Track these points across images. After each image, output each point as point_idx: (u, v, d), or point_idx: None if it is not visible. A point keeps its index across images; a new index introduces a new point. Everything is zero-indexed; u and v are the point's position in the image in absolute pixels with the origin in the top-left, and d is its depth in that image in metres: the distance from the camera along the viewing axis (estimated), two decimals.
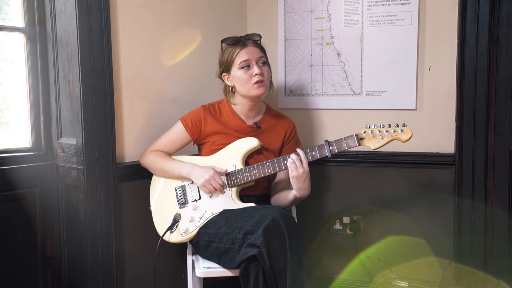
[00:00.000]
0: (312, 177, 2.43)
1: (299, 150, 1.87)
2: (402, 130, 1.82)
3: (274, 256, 1.65)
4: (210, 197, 1.95)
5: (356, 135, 1.83)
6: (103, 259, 1.93)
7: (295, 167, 1.85)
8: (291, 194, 1.95)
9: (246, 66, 1.95)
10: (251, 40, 1.99)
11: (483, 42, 2.16)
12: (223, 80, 2.06)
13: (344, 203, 2.45)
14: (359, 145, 1.84)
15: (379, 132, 1.83)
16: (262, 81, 1.95)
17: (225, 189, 1.94)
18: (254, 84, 1.94)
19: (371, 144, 1.84)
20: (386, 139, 1.83)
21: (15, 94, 1.98)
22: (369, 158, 2.38)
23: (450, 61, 2.25)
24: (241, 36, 2.00)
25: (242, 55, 1.95)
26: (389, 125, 1.83)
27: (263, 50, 2.02)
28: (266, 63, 2.00)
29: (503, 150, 2.20)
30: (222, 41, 2.03)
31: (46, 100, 2.00)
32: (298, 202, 2.00)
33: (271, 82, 2.06)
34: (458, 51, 2.22)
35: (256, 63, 1.95)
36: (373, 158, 2.38)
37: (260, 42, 2.04)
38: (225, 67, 2.01)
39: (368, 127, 1.84)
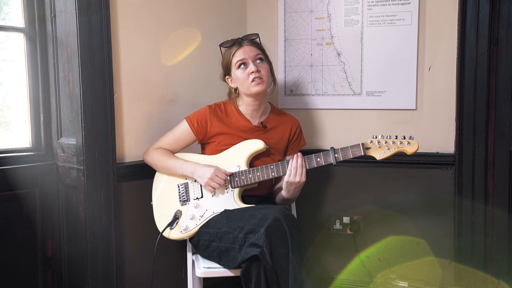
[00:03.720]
0: (312, 177, 2.43)
1: (303, 158, 1.88)
2: (408, 143, 1.81)
3: (276, 256, 1.65)
4: (212, 196, 1.95)
5: (362, 144, 1.83)
6: (103, 259, 1.93)
7: (294, 173, 1.86)
8: (280, 194, 2.00)
9: (243, 64, 1.96)
10: (247, 40, 2.01)
11: (483, 42, 2.16)
12: (227, 83, 2.07)
13: (344, 203, 2.45)
14: (365, 154, 1.84)
15: (385, 143, 1.83)
16: (260, 78, 1.95)
17: (227, 189, 1.94)
18: (252, 81, 1.95)
19: (376, 154, 1.84)
20: (392, 151, 1.82)
21: (15, 94, 1.98)
22: (369, 158, 2.36)
23: (450, 61, 2.25)
24: (238, 38, 2.02)
25: (237, 55, 1.97)
26: (396, 136, 1.83)
27: (260, 47, 2.02)
28: (264, 59, 2.00)
29: (503, 150, 2.20)
30: (220, 45, 2.05)
31: (46, 100, 2.00)
32: (285, 203, 2.05)
33: (274, 78, 2.06)
34: (458, 51, 2.22)
35: (253, 61, 1.96)
36: (373, 158, 2.37)
37: (259, 40, 2.04)
38: (226, 69, 2.04)
39: (374, 137, 1.84)
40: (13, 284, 1.88)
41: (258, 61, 1.97)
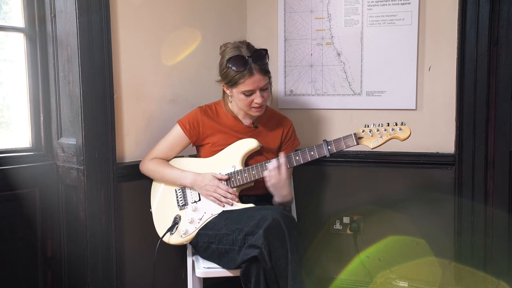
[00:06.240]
0: (312, 177, 2.45)
1: (281, 156, 1.88)
2: (400, 129, 1.81)
3: (275, 257, 1.65)
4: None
5: (355, 134, 1.83)
6: (103, 259, 1.93)
7: (274, 174, 1.86)
8: (274, 199, 1.97)
9: (249, 94, 1.90)
10: (258, 68, 1.86)
11: (483, 42, 2.16)
12: (223, 87, 2.01)
13: (344, 203, 2.45)
14: (358, 144, 1.83)
15: (377, 131, 1.83)
16: (261, 106, 1.93)
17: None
18: (252, 108, 1.94)
19: (369, 143, 1.83)
20: (385, 138, 1.83)
21: (15, 94, 1.98)
22: (369, 158, 2.38)
23: (450, 61, 2.25)
24: (249, 57, 1.86)
25: (248, 84, 1.86)
26: (388, 124, 1.83)
27: (268, 74, 1.91)
28: (268, 87, 1.94)
29: (503, 150, 2.20)
30: (227, 61, 1.88)
31: (46, 100, 2.00)
32: (282, 206, 2.00)
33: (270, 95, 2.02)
34: (458, 51, 2.22)
35: (260, 91, 1.89)
36: (373, 158, 2.38)
37: (267, 57, 1.91)
38: (228, 82, 1.92)
39: (366, 126, 1.84)
40: (13, 284, 1.88)
41: (263, 89, 1.91)
